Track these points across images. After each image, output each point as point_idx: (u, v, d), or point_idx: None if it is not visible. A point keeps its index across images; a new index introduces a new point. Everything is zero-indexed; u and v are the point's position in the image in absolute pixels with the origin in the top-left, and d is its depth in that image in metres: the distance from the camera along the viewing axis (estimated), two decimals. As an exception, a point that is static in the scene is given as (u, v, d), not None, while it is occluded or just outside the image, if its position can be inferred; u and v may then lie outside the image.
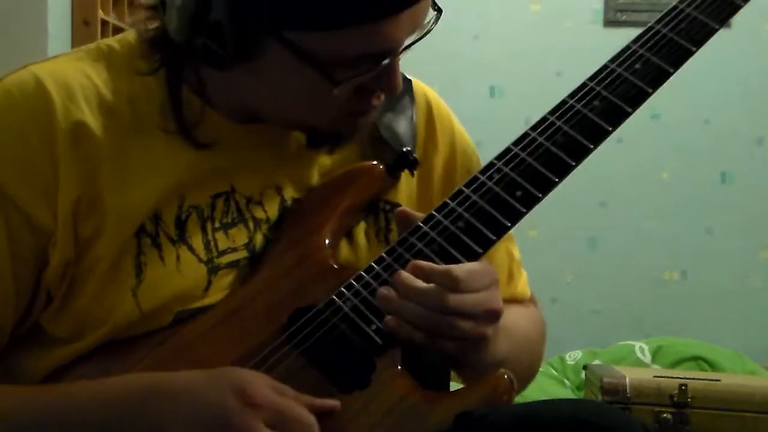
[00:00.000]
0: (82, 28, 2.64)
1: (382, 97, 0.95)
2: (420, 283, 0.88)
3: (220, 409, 0.80)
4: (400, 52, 0.90)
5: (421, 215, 0.94)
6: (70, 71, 0.94)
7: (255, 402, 0.81)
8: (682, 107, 3.45)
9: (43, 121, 0.90)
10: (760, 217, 3.48)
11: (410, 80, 1.08)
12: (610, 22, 3.48)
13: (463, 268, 0.88)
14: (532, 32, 3.53)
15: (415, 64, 3.66)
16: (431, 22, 0.92)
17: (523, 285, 1.11)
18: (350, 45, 0.86)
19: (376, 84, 0.91)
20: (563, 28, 3.52)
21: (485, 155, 0.97)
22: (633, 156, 3.48)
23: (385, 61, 0.88)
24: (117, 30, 2.72)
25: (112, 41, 0.99)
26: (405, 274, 0.88)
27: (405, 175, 1.04)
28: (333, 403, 0.86)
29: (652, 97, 0.99)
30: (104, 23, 2.69)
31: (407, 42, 0.90)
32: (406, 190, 1.04)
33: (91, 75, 0.94)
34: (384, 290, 0.88)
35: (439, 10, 0.93)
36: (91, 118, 0.92)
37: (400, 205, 1.02)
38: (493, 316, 0.90)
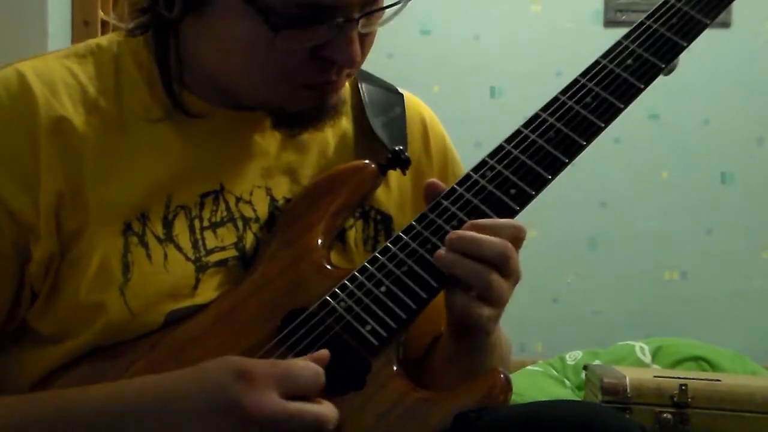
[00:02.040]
0: (82, 28, 2.64)
1: (344, 73, 0.93)
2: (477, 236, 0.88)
3: (226, 394, 0.80)
4: (357, 20, 0.88)
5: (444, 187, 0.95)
6: (55, 68, 0.94)
7: (258, 376, 0.80)
8: (681, 107, 3.45)
9: (26, 116, 0.90)
10: (761, 217, 3.48)
11: (402, 94, 1.08)
12: (610, 22, 3.48)
13: (507, 223, 0.90)
14: (532, 32, 3.53)
15: (416, 65, 3.66)
16: (399, 2, 0.92)
17: None
18: None
19: (332, 52, 0.89)
20: (563, 29, 3.52)
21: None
22: (633, 156, 3.48)
23: (338, 20, 0.87)
24: (117, 30, 2.72)
25: (100, 39, 1.00)
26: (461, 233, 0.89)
27: (400, 184, 1.04)
28: (323, 353, 0.85)
29: (651, 97, 0.98)
30: (104, 23, 2.70)
31: (363, 11, 0.88)
32: (398, 198, 1.04)
33: (76, 72, 0.95)
34: (442, 252, 0.88)
35: None
36: (74, 114, 0.92)
37: (390, 216, 1.03)
38: (517, 280, 0.91)
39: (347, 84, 1.06)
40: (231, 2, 0.87)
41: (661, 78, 0.99)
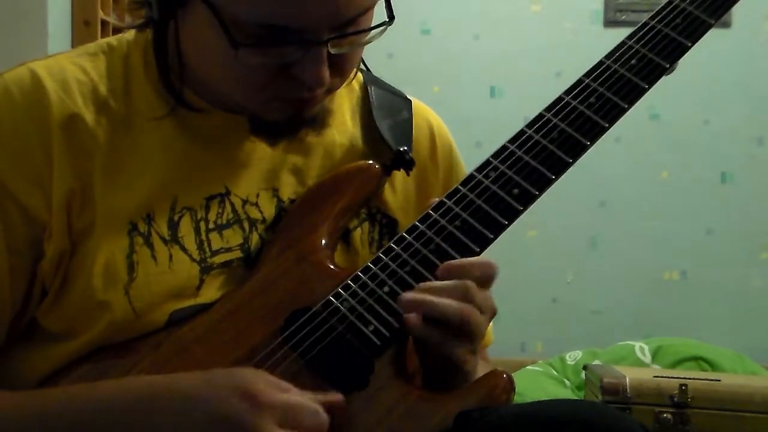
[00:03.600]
0: (82, 28, 2.64)
1: (320, 90, 0.92)
2: (442, 282, 0.88)
3: (228, 414, 0.79)
4: (326, 42, 0.86)
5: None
6: (67, 66, 0.95)
7: (263, 403, 0.80)
8: (681, 107, 3.45)
9: (39, 113, 0.91)
10: (760, 217, 3.48)
11: (410, 100, 1.09)
12: (610, 22, 3.48)
13: (479, 262, 0.90)
14: (532, 32, 3.53)
15: (415, 64, 3.66)
16: (379, 26, 0.90)
17: (489, 331, 1.08)
18: (252, 8, 0.84)
19: (299, 72, 0.88)
20: (563, 28, 3.52)
21: (485, 155, 0.96)
22: (633, 156, 3.48)
23: (304, 40, 0.86)
24: (117, 30, 2.72)
25: (111, 39, 1.00)
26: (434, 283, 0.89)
27: (405, 188, 1.04)
28: (336, 397, 0.85)
29: (651, 97, 0.99)
30: (104, 23, 2.70)
31: (333, 34, 0.87)
32: (403, 202, 1.04)
33: (88, 70, 0.95)
34: (407, 294, 0.88)
35: (391, 17, 0.90)
36: (85, 112, 0.93)
37: (396, 220, 1.03)
38: (494, 314, 0.91)
39: (356, 87, 1.06)
40: (201, 11, 0.87)
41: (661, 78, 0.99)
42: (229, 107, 0.97)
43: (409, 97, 1.10)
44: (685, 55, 0.99)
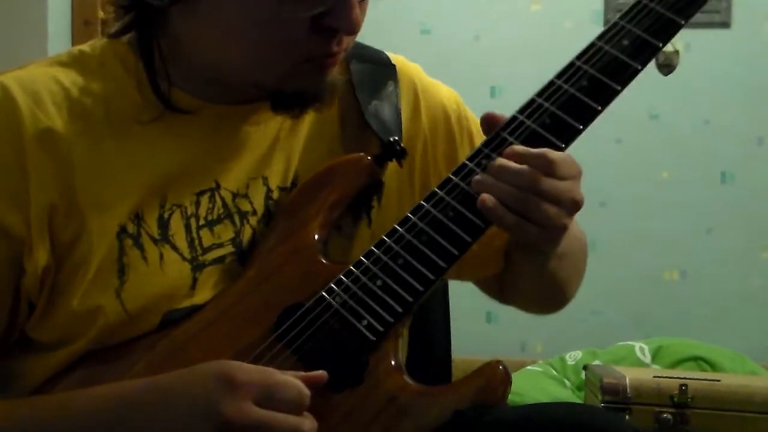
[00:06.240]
0: (82, 28, 2.64)
1: (345, 43, 0.93)
2: (514, 165, 0.88)
3: (208, 400, 0.80)
4: None
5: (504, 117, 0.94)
6: (39, 77, 0.94)
7: (240, 384, 0.80)
8: (681, 107, 3.44)
9: (11, 129, 0.90)
10: (760, 217, 3.47)
11: (395, 65, 1.08)
12: (610, 23, 3.48)
13: (556, 153, 0.89)
14: (532, 32, 3.53)
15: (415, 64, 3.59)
16: None
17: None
18: None
19: (332, 20, 0.89)
20: (563, 28, 3.52)
21: (485, 155, 0.96)
22: (632, 156, 3.47)
23: None
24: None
25: (83, 46, 0.99)
26: (501, 160, 0.89)
27: (394, 170, 1.04)
28: (318, 373, 0.85)
29: (652, 97, 0.98)
30: (104, 23, 2.70)
31: None
32: (396, 183, 1.04)
33: (61, 79, 0.94)
34: (478, 176, 0.89)
35: None
36: (60, 124, 0.91)
37: (382, 182, 1.02)
38: (576, 206, 0.90)
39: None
40: None
41: (661, 78, 0.98)
42: (226, 98, 0.96)
43: (393, 60, 1.08)
44: (685, 55, 0.98)
